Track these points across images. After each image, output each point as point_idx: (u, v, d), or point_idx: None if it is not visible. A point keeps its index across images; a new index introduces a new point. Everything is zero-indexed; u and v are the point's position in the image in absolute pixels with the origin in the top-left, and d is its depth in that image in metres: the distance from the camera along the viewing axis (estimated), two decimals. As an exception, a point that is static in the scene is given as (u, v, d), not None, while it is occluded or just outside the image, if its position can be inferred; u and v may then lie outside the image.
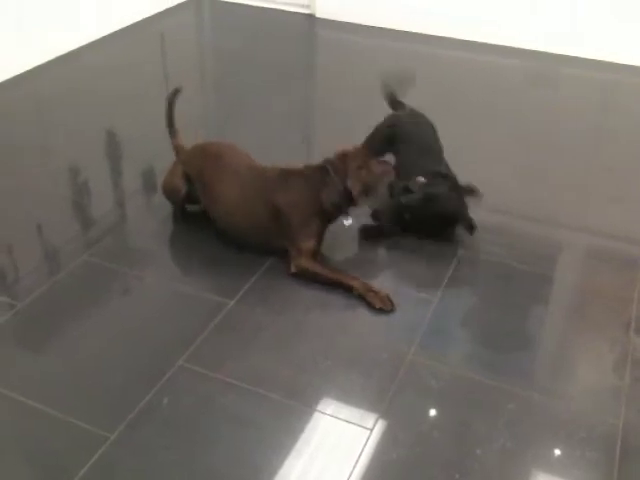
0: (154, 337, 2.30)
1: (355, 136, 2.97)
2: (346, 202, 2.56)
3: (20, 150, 3.45)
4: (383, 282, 2.56)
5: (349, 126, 3.63)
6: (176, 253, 2.79)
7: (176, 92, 2.93)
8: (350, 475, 1.84)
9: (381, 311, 2.40)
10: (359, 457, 1.89)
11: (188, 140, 2.92)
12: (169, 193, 2.88)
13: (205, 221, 2.79)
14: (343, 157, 2.55)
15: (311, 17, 5.23)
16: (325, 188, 2.53)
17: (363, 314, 2.41)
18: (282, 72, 4.47)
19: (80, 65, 4.44)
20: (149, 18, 5.05)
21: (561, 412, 2.06)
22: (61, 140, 3.57)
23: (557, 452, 1.95)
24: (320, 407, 2.05)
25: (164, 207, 2.95)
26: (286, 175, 2.60)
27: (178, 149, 2.91)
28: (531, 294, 2.54)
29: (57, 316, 2.39)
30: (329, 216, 2.59)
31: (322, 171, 2.56)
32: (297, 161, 2.73)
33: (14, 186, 3.14)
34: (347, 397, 2.09)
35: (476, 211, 2.83)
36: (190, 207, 2.86)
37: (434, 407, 2.08)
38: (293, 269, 2.54)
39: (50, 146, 3.56)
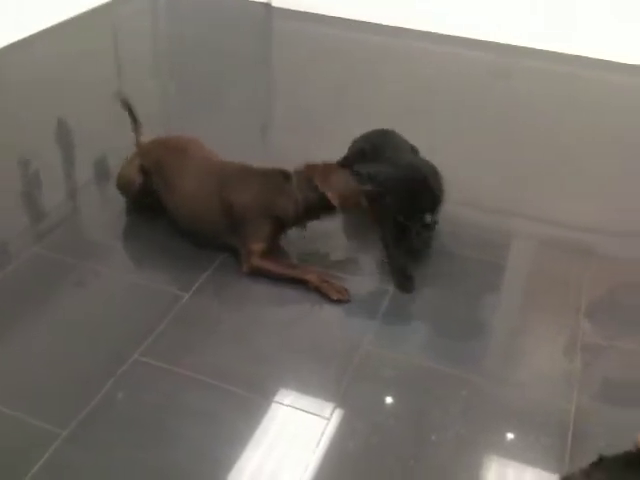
0: (108, 331, 2.27)
1: (313, 127, 2.96)
2: (303, 213, 2.52)
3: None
4: (339, 273, 2.56)
5: (307, 117, 3.63)
6: (130, 245, 2.75)
7: (124, 100, 2.85)
8: (308, 465, 1.85)
9: (337, 302, 2.41)
10: (317, 446, 1.90)
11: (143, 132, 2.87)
12: (123, 185, 2.82)
13: (160, 214, 2.75)
14: (311, 168, 2.52)
15: (268, 6, 5.18)
16: (282, 195, 2.50)
17: (319, 306, 2.41)
18: (238, 62, 4.43)
19: (32, 54, 4.32)
20: (103, 6, 4.93)
21: (514, 398, 2.11)
22: (11, 130, 3.47)
23: (510, 437, 1.99)
24: (278, 398, 2.05)
25: (118, 199, 2.90)
26: (245, 174, 2.58)
27: (139, 143, 2.85)
28: (484, 282, 2.58)
29: (6, 310, 2.33)
30: (283, 223, 2.56)
31: (284, 176, 2.53)
32: (253, 153, 2.72)
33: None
34: (305, 388, 2.10)
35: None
36: (144, 200, 2.81)
37: (390, 396, 2.10)
38: (245, 269, 2.51)
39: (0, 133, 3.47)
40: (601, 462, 1.45)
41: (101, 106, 3.75)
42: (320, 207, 2.50)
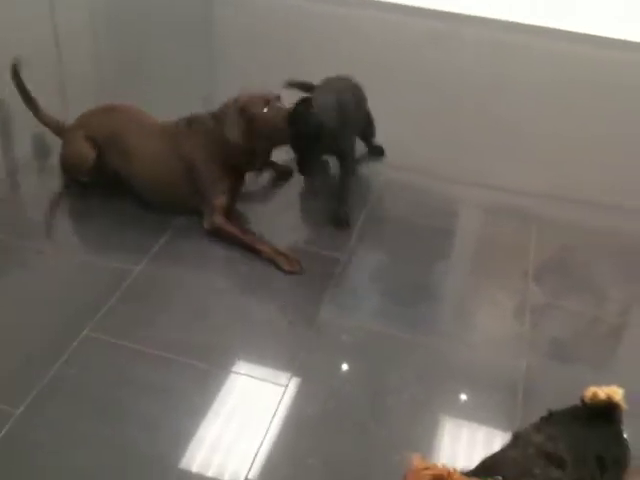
0: (58, 309, 2.21)
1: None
2: (248, 148, 2.50)
3: None
4: (291, 244, 2.56)
5: (252, 83, 3.57)
6: (75, 222, 2.68)
7: (16, 67, 2.73)
8: (267, 432, 1.85)
9: (290, 274, 2.41)
10: (275, 414, 1.90)
11: (78, 105, 2.78)
12: (75, 164, 2.69)
13: (104, 188, 2.68)
14: (231, 102, 2.52)
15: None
16: (221, 137, 2.49)
17: (274, 276, 2.41)
18: (179, 26, 4.33)
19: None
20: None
21: (466, 360, 2.16)
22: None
23: (463, 397, 2.03)
24: (235, 368, 2.04)
25: (58, 176, 2.82)
26: (190, 122, 2.57)
27: (51, 121, 2.78)
28: (434, 248, 2.62)
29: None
30: (237, 168, 2.56)
31: (214, 118, 2.54)
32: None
33: None
34: (261, 357, 2.09)
35: (383, 169, 2.88)
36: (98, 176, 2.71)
37: (346, 362, 2.12)
38: (206, 226, 2.51)
39: None
40: (551, 417, 1.50)
41: (37, 81, 3.61)
42: (260, 136, 2.49)
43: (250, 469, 1.76)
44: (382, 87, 3.79)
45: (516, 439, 1.46)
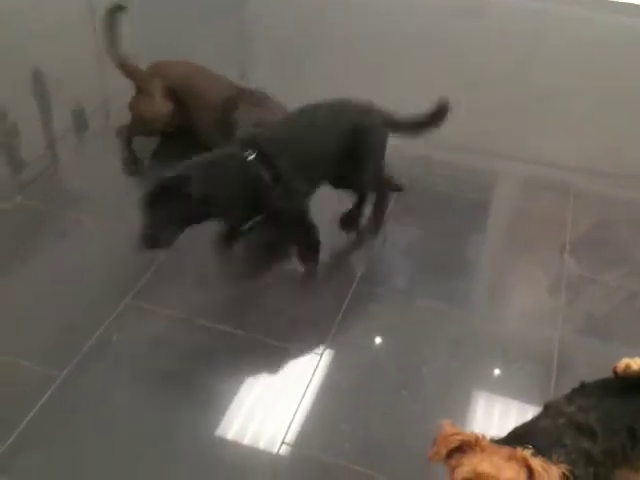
0: (99, 276, 2.27)
1: (295, 67, 2.92)
2: None
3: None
4: (324, 217, 2.57)
5: (289, 58, 3.57)
6: (113, 193, 2.71)
7: (117, 10, 2.67)
8: (302, 399, 1.89)
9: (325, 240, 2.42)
10: (310, 381, 1.94)
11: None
12: (151, 116, 2.70)
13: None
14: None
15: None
16: None
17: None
18: (213, 6, 4.33)
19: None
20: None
21: (500, 332, 2.16)
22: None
23: (497, 369, 2.05)
24: (270, 336, 2.08)
25: (98, 147, 2.87)
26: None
27: (134, 69, 2.74)
28: (470, 222, 2.61)
29: (-5, 259, 2.32)
30: None
31: None
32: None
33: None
34: (296, 326, 2.13)
35: (418, 143, 2.86)
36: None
37: (380, 332, 2.14)
38: None
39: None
40: (582, 388, 1.50)
41: (74, 53, 3.67)
42: None
43: (286, 434, 1.80)
44: (412, 59, 3.75)
45: (547, 409, 1.47)
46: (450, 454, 1.24)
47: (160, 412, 1.85)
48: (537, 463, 1.19)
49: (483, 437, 1.24)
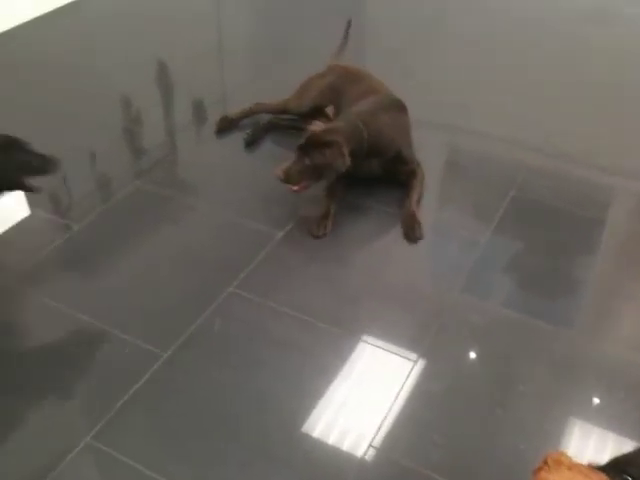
0: (206, 263, 2.36)
1: (409, 74, 2.89)
2: None
3: (75, 75, 3.48)
4: (434, 222, 2.56)
5: (401, 63, 3.57)
6: (227, 184, 2.81)
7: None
8: (393, 403, 1.89)
9: (427, 248, 2.40)
10: (402, 387, 1.93)
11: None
12: (306, 105, 2.94)
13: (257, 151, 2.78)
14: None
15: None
16: None
17: (408, 250, 2.43)
18: (333, 2, 4.39)
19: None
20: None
21: (606, 357, 2.07)
22: (113, 69, 3.59)
23: (599, 396, 1.95)
24: (365, 336, 2.10)
25: (214, 138, 2.99)
26: None
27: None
28: (581, 238, 2.51)
29: (112, 240, 2.46)
30: None
31: None
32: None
33: (70, 111, 3.19)
34: (392, 329, 2.13)
35: (527, 155, 2.78)
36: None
37: (478, 344, 2.10)
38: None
39: (103, 74, 3.59)
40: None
41: (199, 46, 3.83)
42: None
43: (374, 437, 1.81)
44: (533, 66, 3.65)
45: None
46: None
47: (254, 397, 1.91)
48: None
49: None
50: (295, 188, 2.46)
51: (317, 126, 2.49)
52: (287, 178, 2.42)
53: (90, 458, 1.76)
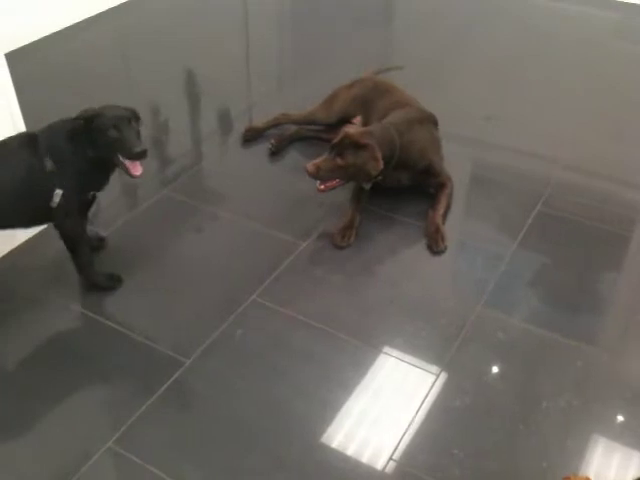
0: (229, 271, 2.38)
1: (437, 86, 2.88)
2: None
3: (106, 84, 3.54)
4: (457, 233, 2.55)
5: (429, 75, 3.57)
6: (252, 193, 2.83)
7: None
8: (414, 417, 1.88)
9: (451, 261, 2.39)
10: (424, 400, 1.92)
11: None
12: (334, 116, 2.96)
13: (282, 161, 2.79)
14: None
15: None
16: None
17: (432, 263, 2.42)
18: (361, 14, 4.41)
19: (161, 5, 4.49)
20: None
21: (632, 375, 2.04)
22: (143, 77, 3.65)
23: (625, 414, 1.92)
24: (386, 349, 2.09)
25: (240, 149, 3.01)
26: None
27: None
28: (606, 254, 2.48)
29: (137, 247, 2.49)
30: None
31: None
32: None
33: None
34: (413, 342, 2.12)
35: (554, 169, 2.76)
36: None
37: (500, 359, 2.08)
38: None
39: (133, 82, 3.64)
40: None
41: (227, 58, 3.87)
42: None
43: (395, 450, 1.80)
44: (561, 78, 3.63)
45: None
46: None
47: (274, 405, 1.91)
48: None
49: None
50: (321, 187, 2.47)
51: (352, 128, 2.49)
52: (316, 173, 2.42)
53: (111, 463, 1.78)
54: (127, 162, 2.07)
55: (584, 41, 4.08)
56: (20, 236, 2.47)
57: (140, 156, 2.06)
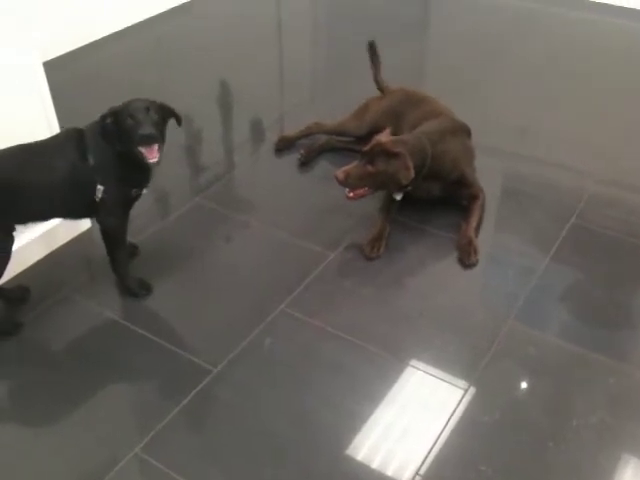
0: (258, 281, 2.39)
1: (470, 96, 2.87)
2: None
3: (140, 93, 3.54)
4: (489, 246, 2.52)
5: (462, 85, 3.55)
6: (282, 203, 2.84)
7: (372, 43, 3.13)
8: (442, 431, 1.86)
9: (483, 274, 2.36)
10: (451, 415, 1.90)
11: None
12: (365, 127, 2.96)
13: (312, 171, 2.80)
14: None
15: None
16: None
17: (462, 275, 2.40)
18: (395, 24, 4.40)
19: (193, 17, 4.55)
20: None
21: (665, 393, 1.99)
22: (177, 87, 3.68)
23: (658, 434, 1.88)
24: (414, 362, 2.07)
25: (272, 158, 3.03)
26: None
27: (381, 85, 3.07)
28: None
29: (168, 254, 2.51)
30: None
31: None
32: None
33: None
34: (442, 355, 2.10)
35: (589, 183, 2.71)
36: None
37: (531, 375, 2.05)
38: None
39: (167, 91, 3.66)
40: None
41: (260, 67, 3.90)
42: None
43: (421, 465, 1.78)
44: (580, 93, 3.58)
45: None
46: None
47: (301, 416, 1.91)
48: None
49: None
50: (350, 195, 2.46)
51: (384, 136, 2.48)
52: (345, 180, 2.41)
53: (137, 469, 1.79)
54: (143, 149, 2.07)
55: (621, 55, 4.02)
56: (60, 238, 2.52)
57: (145, 139, 2.04)
